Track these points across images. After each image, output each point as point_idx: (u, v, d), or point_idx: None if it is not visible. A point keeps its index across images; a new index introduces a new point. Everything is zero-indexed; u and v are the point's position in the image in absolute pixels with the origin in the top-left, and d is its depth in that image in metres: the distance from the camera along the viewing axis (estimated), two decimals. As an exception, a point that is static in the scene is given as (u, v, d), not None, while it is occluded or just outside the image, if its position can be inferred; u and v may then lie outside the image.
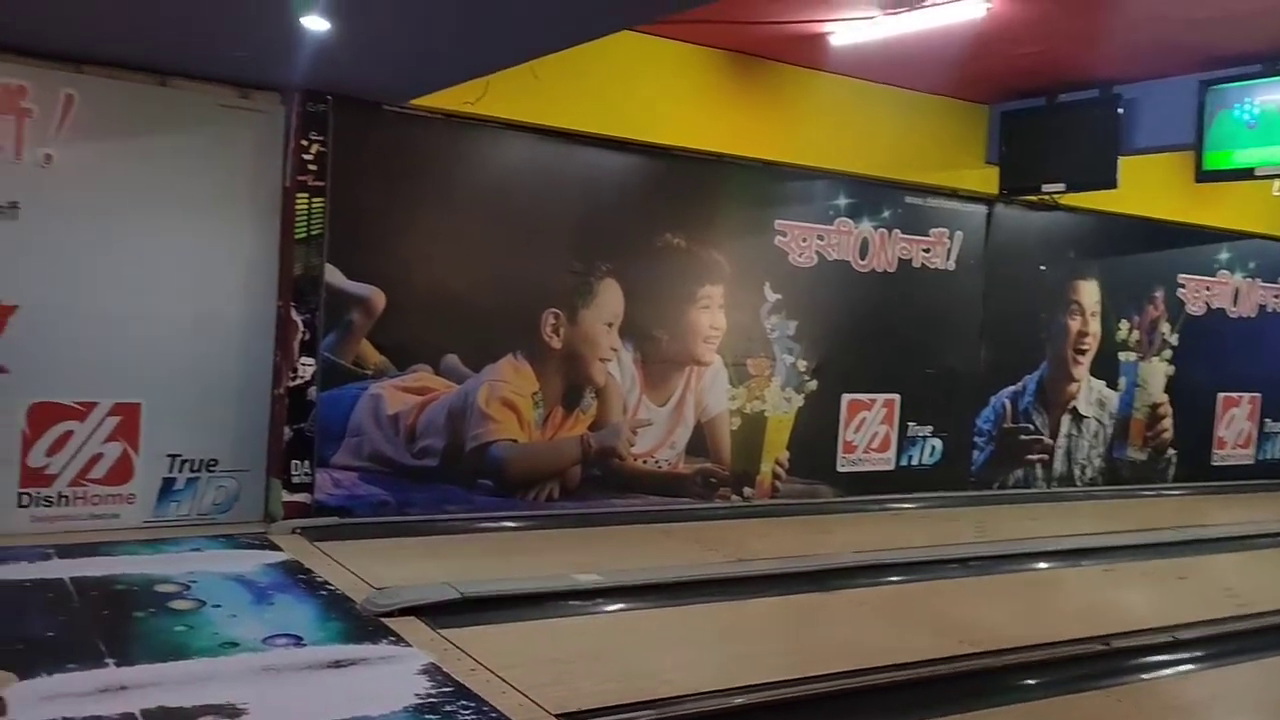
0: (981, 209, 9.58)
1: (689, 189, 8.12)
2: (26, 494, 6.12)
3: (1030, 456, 10.20)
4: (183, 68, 6.29)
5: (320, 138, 6.71)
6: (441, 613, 5.14)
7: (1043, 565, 7.45)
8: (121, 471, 6.39)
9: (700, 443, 8.30)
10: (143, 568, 5.62)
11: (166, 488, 6.53)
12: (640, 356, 7.96)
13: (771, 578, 6.33)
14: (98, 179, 6.19)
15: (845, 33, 7.17)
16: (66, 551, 5.80)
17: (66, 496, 6.23)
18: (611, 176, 7.82)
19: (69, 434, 6.22)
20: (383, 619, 5.04)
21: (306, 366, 6.74)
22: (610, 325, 7.80)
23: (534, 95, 7.02)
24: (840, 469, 9.03)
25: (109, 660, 4.31)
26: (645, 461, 8.05)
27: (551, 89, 7.05)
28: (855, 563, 6.85)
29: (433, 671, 4.41)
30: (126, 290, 6.31)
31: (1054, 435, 10.33)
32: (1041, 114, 8.79)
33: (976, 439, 9.82)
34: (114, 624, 4.75)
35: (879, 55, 7.49)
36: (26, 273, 6.02)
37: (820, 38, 7.34)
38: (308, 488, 6.76)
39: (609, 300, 7.79)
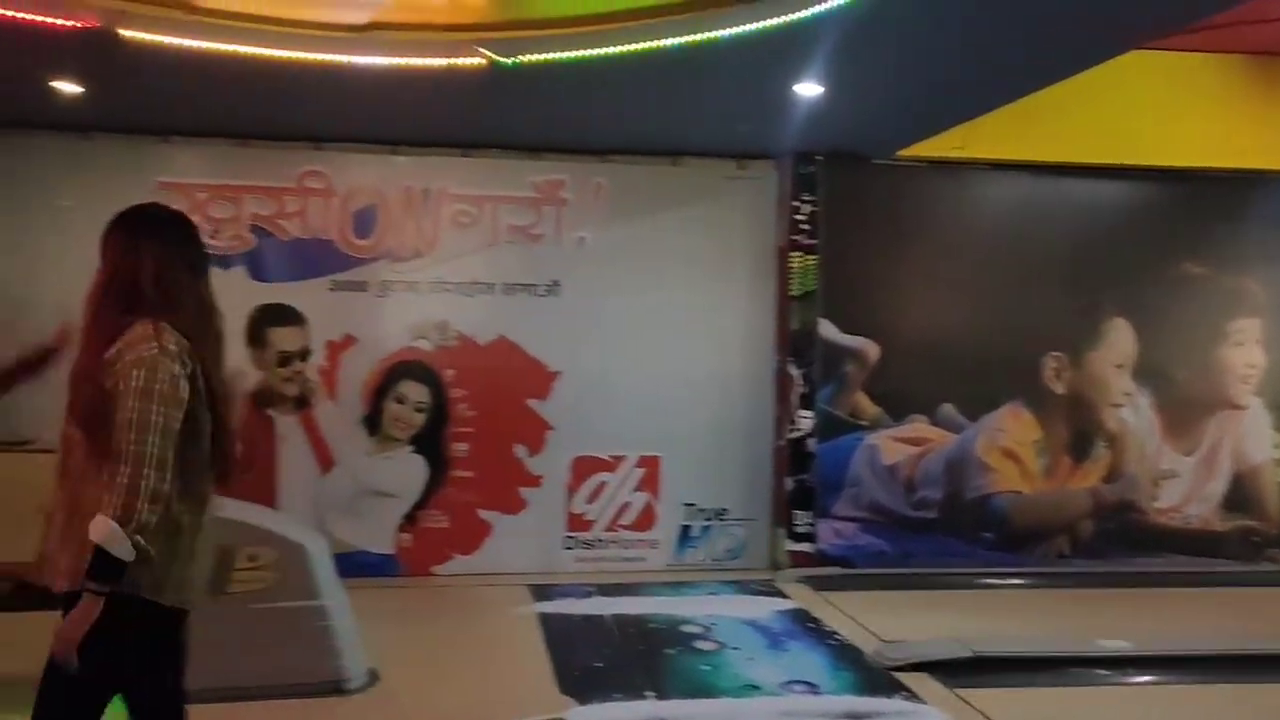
0: None
1: (1210, 212, 7.28)
2: (571, 537, 6.94)
3: None
4: (692, 147, 6.88)
5: (811, 197, 6.96)
6: (954, 671, 4.98)
7: None
8: (647, 519, 7.02)
9: (1240, 497, 7.31)
10: (668, 608, 6.10)
11: (684, 534, 7.06)
12: (1159, 401, 7.21)
13: (1349, 659, 5.35)
14: (621, 255, 6.94)
15: None
16: (605, 590, 6.46)
17: (603, 540, 6.97)
18: (1114, 206, 7.24)
19: (603, 485, 6.97)
20: (894, 673, 5.00)
21: (805, 419, 6.96)
22: (1121, 367, 7.18)
23: (1025, 131, 6.72)
24: None
25: (648, 693, 4.71)
26: (1171, 517, 7.24)
27: (1044, 122, 6.70)
28: None
29: (952, 733, 4.28)
30: (647, 352, 6.96)
31: None
32: None
33: None
34: (649, 659, 5.18)
35: None
36: (567, 342, 6.88)
37: (1377, 21, 6.26)
38: (810, 537, 6.95)
39: (1118, 340, 7.18)
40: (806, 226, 6.97)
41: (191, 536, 2.52)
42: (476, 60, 4.88)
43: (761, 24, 4.46)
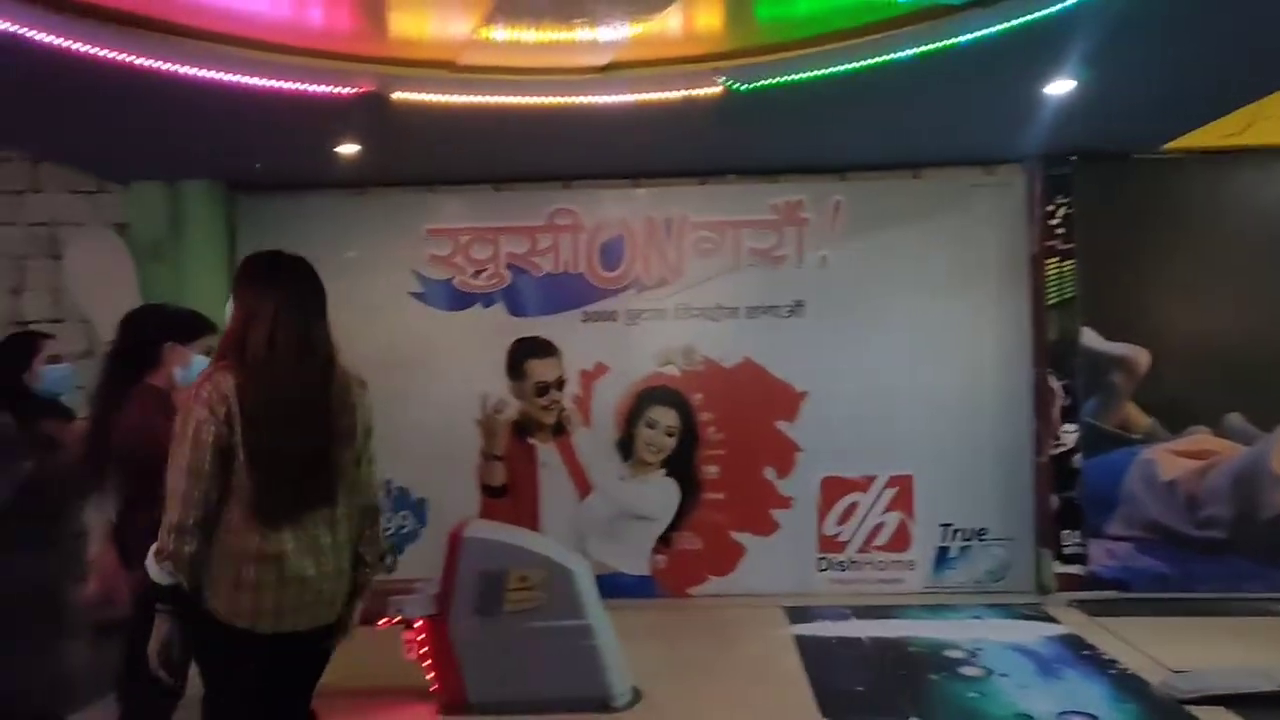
0: None
1: None
2: (824, 559, 6.87)
3: None
4: (932, 158, 6.71)
5: (1065, 199, 6.61)
6: (1255, 705, 4.55)
7: None
8: (901, 539, 6.84)
9: None
10: (929, 632, 5.92)
11: (941, 555, 6.83)
12: None
13: None
14: (864, 271, 6.84)
15: None
16: (861, 613, 6.35)
17: (856, 562, 6.85)
18: None
19: (854, 505, 6.86)
20: (1186, 706, 4.62)
21: (1069, 433, 6.58)
22: None
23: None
24: None
25: (913, 719, 4.59)
26: None
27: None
28: None
29: (1259, 773, 3.91)
30: (894, 369, 6.81)
31: None
32: None
33: None
34: (912, 684, 5.05)
35: None
36: (813, 362, 6.84)
37: None
38: (1080, 559, 6.54)
39: None
40: (1062, 230, 6.61)
41: (259, 563, 2.65)
42: (713, 89, 4.99)
43: (1004, 25, 4.31)
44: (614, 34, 4.75)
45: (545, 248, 6.95)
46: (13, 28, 3.97)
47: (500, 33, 4.74)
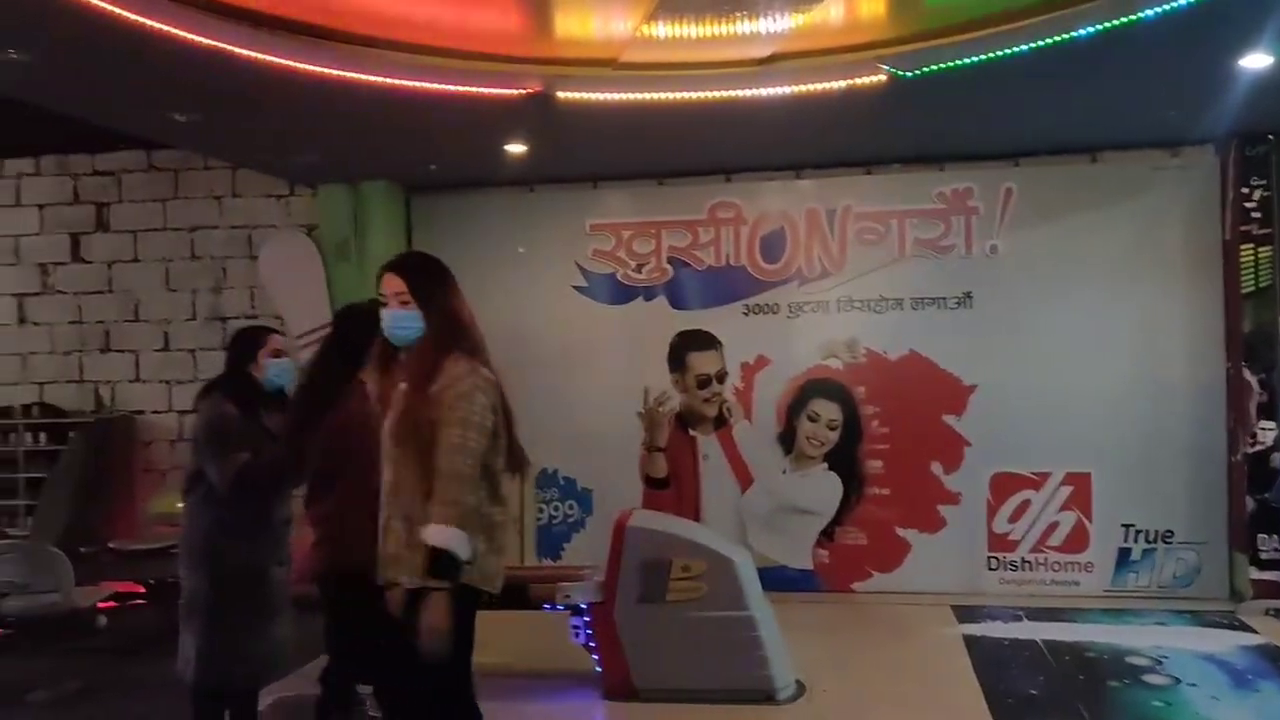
0: None
1: None
2: (994, 558, 6.65)
3: None
4: (1112, 141, 6.40)
5: (1262, 182, 6.19)
6: None
7: None
8: (1077, 540, 6.56)
9: None
10: (1109, 637, 5.66)
11: (1123, 558, 6.51)
12: None
13: None
14: (1037, 261, 6.58)
15: None
16: (1034, 614, 6.13)
17: (1029, 562, 6.61)
18: None
19: (1026, 503, 6.61)
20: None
21: (1267, 431, 6.15)
22: None
23: None
24: None
25: (1090, 725, 4.41)
26: None
27: None
28: None
29: None
30: (1070, 362, 6.52)
31: None
32: None
33: None
34: (1090, 690, 4.84)
35: None
36: (982, 355, 6.63)
37: None
38: (1279, 564, 6.11)
39: None
40: (1258, 215, 6.18)
41: (503, 532, 2.95)
42: (876, 77, 4.89)
43: (1192, -4, 4.06)
44: (775, 26, 4.72)
45: (707, 241, 6.98)
46: (218, 44, 4.28)
47: (662, 29, 4.79)
